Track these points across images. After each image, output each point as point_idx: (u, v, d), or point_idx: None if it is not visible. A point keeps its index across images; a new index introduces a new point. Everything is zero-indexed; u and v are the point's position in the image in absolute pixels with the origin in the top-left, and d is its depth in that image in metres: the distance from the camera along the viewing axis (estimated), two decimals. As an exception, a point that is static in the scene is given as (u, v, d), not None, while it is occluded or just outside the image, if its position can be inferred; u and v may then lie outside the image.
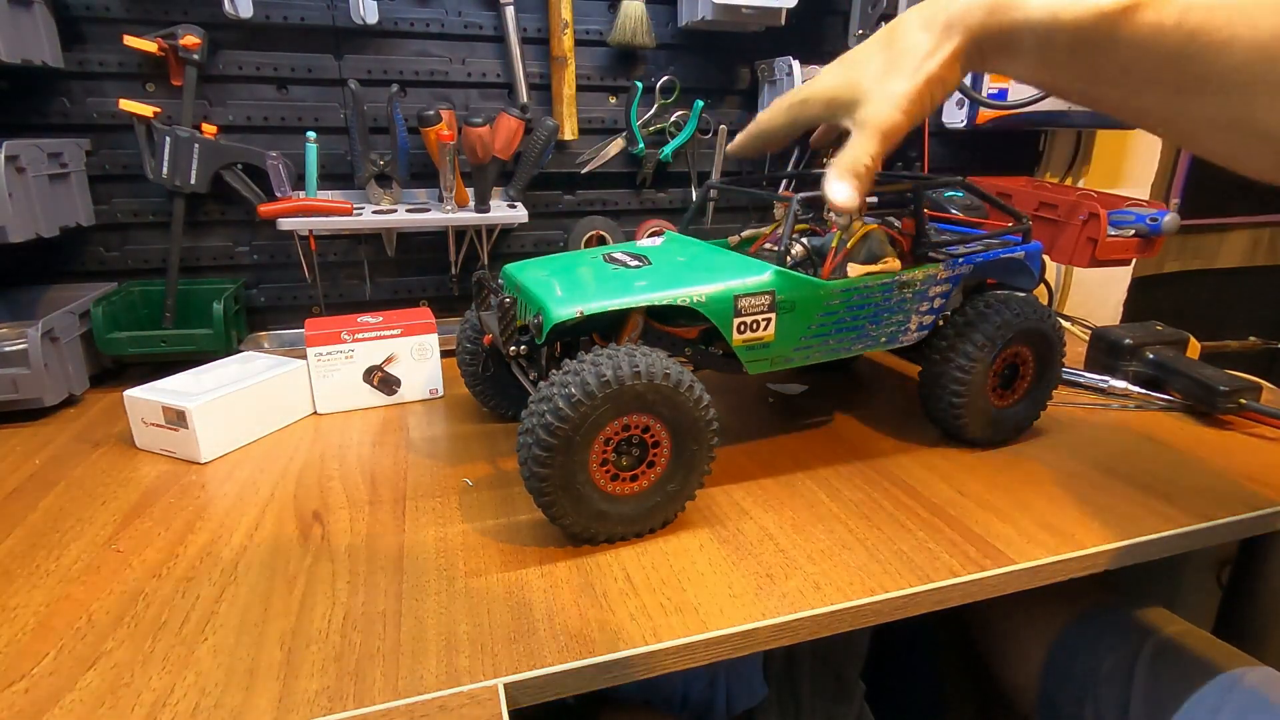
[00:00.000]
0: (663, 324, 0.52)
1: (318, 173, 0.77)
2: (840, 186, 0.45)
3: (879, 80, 0.45)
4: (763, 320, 0.50)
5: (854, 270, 0.54)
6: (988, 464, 0.57)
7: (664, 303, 0.47)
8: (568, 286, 0.48)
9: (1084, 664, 0.59)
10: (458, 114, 0.80)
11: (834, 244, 0.57)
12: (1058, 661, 0.61)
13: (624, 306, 0.46)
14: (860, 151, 0.45)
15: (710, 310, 0.48)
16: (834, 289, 0.51)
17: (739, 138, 0.56)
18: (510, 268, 0.55)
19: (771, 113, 0.52)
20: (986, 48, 0.43)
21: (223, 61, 0.76)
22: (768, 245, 0.61)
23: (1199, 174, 1.30)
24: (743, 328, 0.49)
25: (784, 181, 0.93)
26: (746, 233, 0.65)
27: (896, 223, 0.61)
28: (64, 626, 0.39)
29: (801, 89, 0.50)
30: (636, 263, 0.52)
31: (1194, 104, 0.37)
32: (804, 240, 0.57)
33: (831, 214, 0.59)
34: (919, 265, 0.56)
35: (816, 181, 0.56)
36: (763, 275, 0.49)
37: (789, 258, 0.52)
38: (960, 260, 0.57)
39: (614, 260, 0.54)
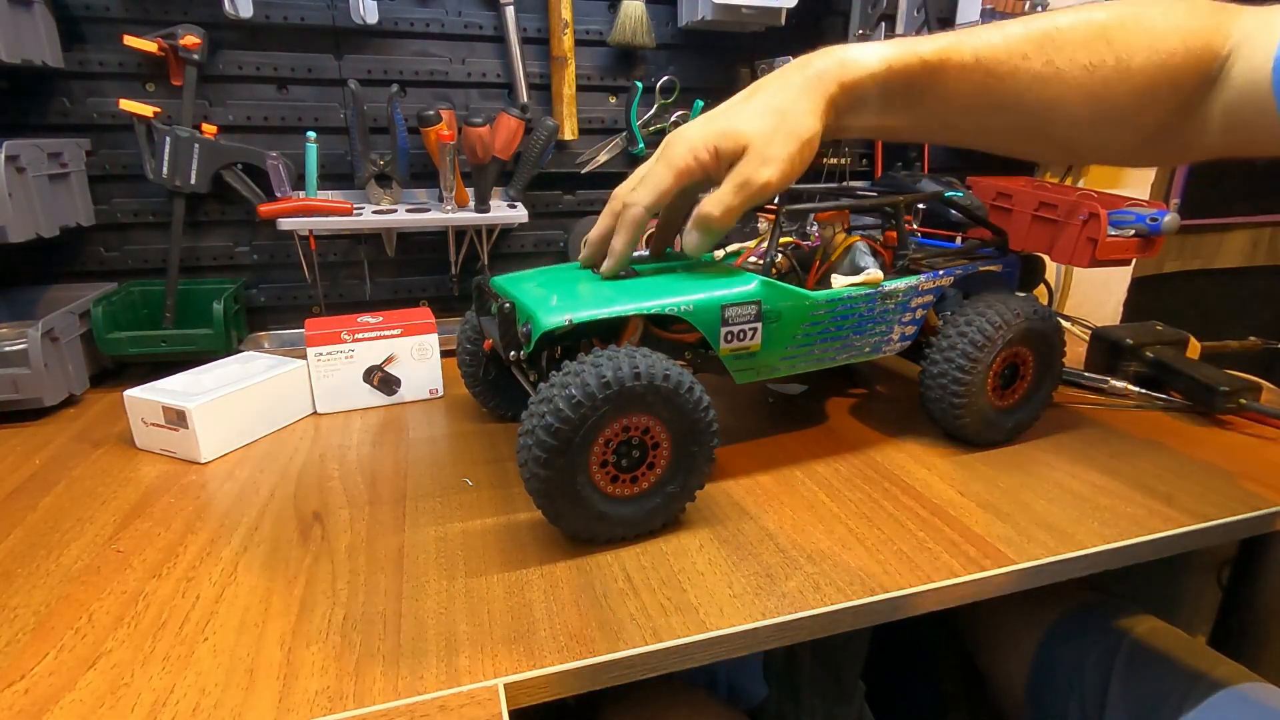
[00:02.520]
0: (662, 329, 0.52)
1: (318, 173, 0.77)
2: (693, 237, 0.49)
3: (757, 135, 0.46)
4: (749, 330, 0.50)
5: (838, 281, 0.54)
6: (988, 464, 0.57)
7: (652, 311, 0.47)
8: (558, 296, 0.48)
9: (1068, 662, 0.60)
10: (458, 114, 0.80)
11: (818, 256, 0.58)
12: (1044, 659, 0.62)
13: (613, 316, 0.46)
14: (720, 201, 0.47)
15: (698, 319, 0.48)
16: (819, 300, 0.52)
17: (653, 242, 0.55)
18: (499, 279, 0.55)
19: (655, 193, 0.49)
20: (841, 106, 0.48)
21: (223, 61, 0.76)
22: (752, 259, 0.62)
23: (1199, 174, 1.30)
24: (729, 337, 0.50)
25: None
26: (731, 247, 0.65)
27: (878, 235, 0.61)
28: (64, 626, 0.39)
29: (679, 152, 0.48)
30: (624, 274, 0.53)
31: (998, 120, 0.49)
32: (789, 252, 0.58)
33: (815, 227, 0.60)
34: (901, 277, 0.56)
35: (802, 196, 0.57)
36: (749, 285, 0.50)
37: (774, 269, 0.52)
38: (941, 272, 0.58)
39: None
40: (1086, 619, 0.62)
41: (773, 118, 0.46)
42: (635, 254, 0.61)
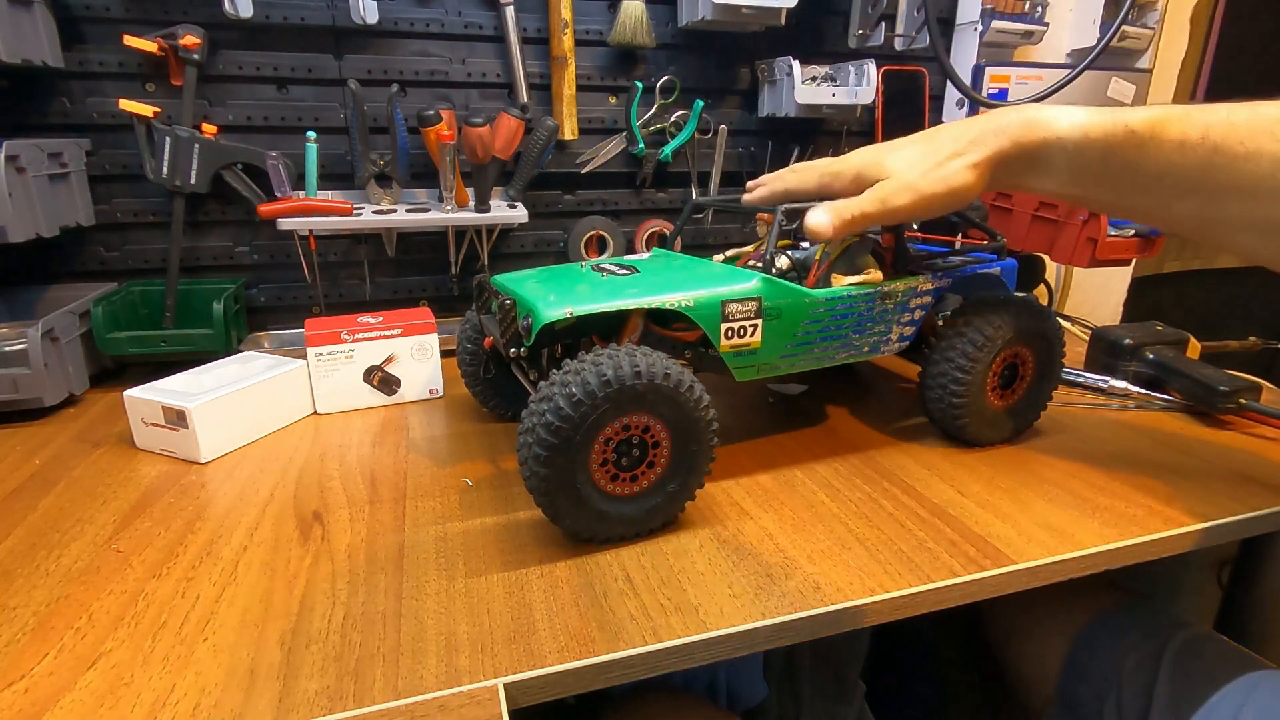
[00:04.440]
0: (663, 328, 0.52)
1: (318, 173, 0.77)
2: (821, 215, 0.49)
3: (905, 170, 0.48)
4: (750, 326, 0.50)
5: (838, 280, 0.54)
6: (988, 464, 0.57)
7: (653, 306, 0.47)
8: (558, 291, 0.48)
9: (1106, 660, 0.60)
10: (458, 114, 0.81)
11: (818, 255, 0.58)
12: (1079, 657, 0.61)
13: (613, 309, 0.46)
14: (857, 203, 0.48)
15: (699, 315, 0.48)
16: (819, 298, 0.52)
17: (760, 191, 0.59)
18: (500, 277, 0.55)
19: (802, 176, 0.55)
20: (1015, 166, 0.46)
21: (223, 61, 0.76)
22: (752, 261, 0.62)
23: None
24: (730, 333, 0.50)
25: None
26: (730, 252, 0.65)
27: (878, 235, 0.62)
28: (64, 626, 0.39)
29: (835, 162, 0.53)
30: (625, 272, 0.53)
31: (1225, 210, 0.40)
32: (788, 253, 0.58)
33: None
34: (900, 277, 0.56)
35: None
36: (750, 282, 0.50)
37: (774, 268, 0.52)
38: (940, 273, 0.58)
39: (602, 270, 0.54)
40: (1126, 619, 0.61)
41: (927, 163, 0.47)
42: (629, 256, 0.61)
